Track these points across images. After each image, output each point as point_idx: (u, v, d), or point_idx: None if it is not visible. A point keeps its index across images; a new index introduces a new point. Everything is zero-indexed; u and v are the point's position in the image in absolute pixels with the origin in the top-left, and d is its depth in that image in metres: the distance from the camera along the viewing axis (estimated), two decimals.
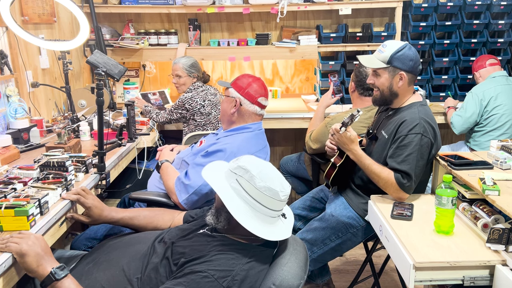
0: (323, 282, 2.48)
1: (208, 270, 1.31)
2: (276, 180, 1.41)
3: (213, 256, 1.36)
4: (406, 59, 2.00)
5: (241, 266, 1.35)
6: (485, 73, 3.21)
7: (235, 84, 2.16)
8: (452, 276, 1.58)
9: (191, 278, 1.30)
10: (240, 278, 1.33)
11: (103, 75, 1.94)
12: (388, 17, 3.86)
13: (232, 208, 1.38)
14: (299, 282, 1.41)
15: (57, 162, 1.83)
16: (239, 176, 1.40)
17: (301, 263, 1.46)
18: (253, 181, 1.38)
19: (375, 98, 2.13)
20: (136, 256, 1.48)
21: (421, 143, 1.95)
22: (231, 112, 2.13)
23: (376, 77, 2.07)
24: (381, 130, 2.12)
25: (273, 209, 1.42)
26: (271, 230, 1.42)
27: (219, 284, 1.30)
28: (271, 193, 1.38)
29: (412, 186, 1.98)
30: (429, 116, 2.03)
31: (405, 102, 2.09)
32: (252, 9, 3.55)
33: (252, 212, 1.39)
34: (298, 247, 1.52)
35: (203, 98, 3.09)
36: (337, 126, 2.02)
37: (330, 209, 2.19)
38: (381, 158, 2.06)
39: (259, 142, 2.15)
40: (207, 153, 2.04)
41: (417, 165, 1.95)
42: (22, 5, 2.71)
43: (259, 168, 1.41)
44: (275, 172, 1.45)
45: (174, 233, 1.54)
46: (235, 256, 1.37)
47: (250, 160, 1.44)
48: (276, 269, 1.42)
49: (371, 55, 2.10)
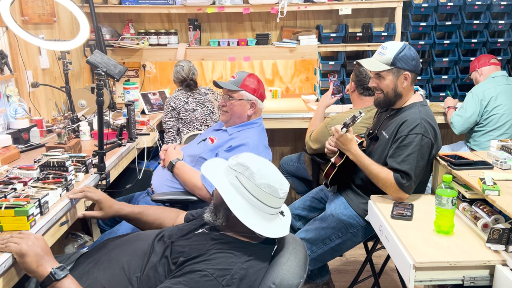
0: (323, 281, 2.48)
1: (207, 269, 1.31)
2: (275, 177, 1.42)
3: (212, 255, 1.35)
4: (409, 59, 2.01)
5: (240, 265, 1.35)
6: (488, 71, 3.21)
7: (246, 87, 2.29)
8: (452, 276, 1.58)
9: (190, 277, 1.30)
10: (239, 276, 1.33)
11: (103, 75, 1.94)
12: (388, 17, 3.86)
13: (231, 204, 1.38)
14: (299, 281, 1.41)
15: (57, 162, 1.83)
16: (239, 173, 1.41)
17: (301, 262, 1.47)
18: (253, 178, 1.38)
19: (378, 100, 2.11)
20: (136, 254, 1.48)
21: (422, 143, 1.95)
22: (248, 114, 2.31)
23: (379, 80, 2.06)
24: (382, 131, 2.12)
25: (272, 207, 1.42)
26: (270, 227, 1.42)
27: (218, 283, 1.30)
28: (270, 190, 1.39)
29: (412, 186, 1.98)
30: (429, 116, 2.03)
31: (406, 102, 2.09)
32: (252, 9, 3.55)
33: (251, 209, 1.40)
34: (297, 246, 1.52)
35: (186, 96, 3.13)
36: (339, 127, 2.02)
37: (330, 209, 2.19)
38: (381, 159, 2.06)
39: (265, 134, 2.39)
40: (231, 148, 2.16)
41: (417, 165, 1.95)
42: (22, 5, 2.71)
43: (259, 165, 1.41)
44: (274, 169, 1.46)
45: (174, 232, 1.54)
46: (234, 254, 1.37)
47: (250, 157, 1.44)
48: (276, 268, 1.42)
49: (372, 58, 2.10)
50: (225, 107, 2.33)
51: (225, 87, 2.31)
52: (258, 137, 2.27)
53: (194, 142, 2.47)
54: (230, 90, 2.29)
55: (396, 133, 2.01)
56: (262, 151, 2.24)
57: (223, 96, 2.35)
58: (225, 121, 2.37)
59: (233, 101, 2.29)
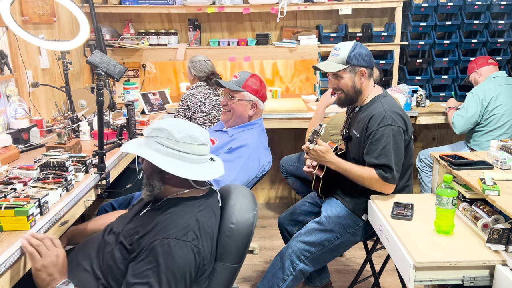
0: (322, 284, 2.48)
1: (168, 236, 1.32)
2: (192, 128, 1.48)
3: (165, 222, 1.38)
4: (362, 55, 2.08)
5: (194, 218, 1.40)
6: (487, 71, 3.21)
7: (249, 87, 2.29)
8: (452, 276, 1.58)
9: (156, 253, 1.29)
10: (198, 228, 1.38)
11: (103, 75, 1.94)
12: (388, 17, 3.86)
13: (160, 163, 1.41)
14: (253, 213, 1.56)
15: (57, 162, 1.83)
16: (157, 137, 1.45)
17: (249, 199, 1.59)
18: (172, 135, 1.43)
19: (340, 100, 2.17)
20: (92, 254, 1.49)
21: (393, 133, 1.99)
22: (249, 114, 2.32)
23: (338, 80, 2.12)
24: (353, 130, 2.16)
25: (199, 154, 1.47)
26: (202, 172, 1.47)
27: (185, 242, 1.32)
28: (192, 140, 1.44)
29: (396, 177, 2.01)
30: (393, 105, 2.08)
31: (368, 98, 2.14)
32: (252, 9, 3.55)
33: (180, 162, 1.44)
34: (242, 189, 1.64)
35: (204, 97, 3.09)
36: (307, 144, 2.05)
37: (326, 211, 2.19)
38: (358, 157, 2.11)
39: (266, 135, 2.40)
40: (231, 149, 2.15)
41: (395, 154, 1.99)
42: (22, 5, 2.71)
43: (172, 123, 1.47)
44: (187, 122, 1.52)
45: (119, 222, 1.56)
46: (185, 211, 1.41)
47: (162, 121, 1.49)
48: (229, 211, 1.54)
49: (327, 60, 2.15)
50: (226, 106, 2.33)
51: (227, 87, 2.31)
52: (258, 138, 2.27)
53: None
54: (232, 90, 2.30)
55: (366, 130, 2.05)
56: (262, 152, 2.24)
57: (224, 96, 2.36)
58: (225, 121, 2.37)
59: (234, 101, 2.29)
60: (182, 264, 1.30)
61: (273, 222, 3.60)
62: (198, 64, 3.18)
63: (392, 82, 3.68)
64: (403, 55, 3.80)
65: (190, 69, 3.21)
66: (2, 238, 1.43)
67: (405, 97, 3.39)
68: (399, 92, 3.44)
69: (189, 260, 1.32)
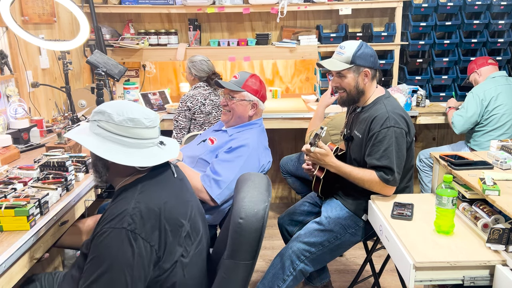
0: (322, 284, 2.48)
1: (103, 227, 1.27)
2: (135, 110, 1.38)
3: (105, 214, 1.33)
4: (367, 55, 2.06)
5: (132, 202, 1.31)
6: (487, 71, 3.21)
7: (249, 87, 2.29)
8: (452, 276, 1.58)
9: (95, 248, 1.26)
10: (139, 211, 1.29)
11: (103, 75, 1.95)
12: (388, 17, 3.86)
13: (94, 148, 1.35)
14: (264, 205, 1.44)
15: (57, 162, 1.83)
16: (99, 120, 1.37)
17: (262, 189, 1.50)
18: (111, 119, 1.35)
19: (342, 99, 2.16)
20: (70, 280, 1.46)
21: (395, 135, 1.98)
22: (249, 115, 2.31)
23: (341, 79, 2.11)
24: (354, 130, 2.15)
25: (143, 138, 1.38)
26: (145, 156, 1.38)
27: (120, 229, 1.25)
28: (133, 123, 1.35)
29: (397, 179, 2.00)
30: (396, 107, 2.07)
31: (370, 98, 2.12)
32: (252, 9, 3.55)
33: (121, 148, 1.36)
34: (256, 178, 1.56)
35: (204, 97, 3.09)
36: (308, 146, 2.04)
37: (326, 212, 2.19)
38: (359, 158, 2.10)
39: (265, 135, 2.39)
40: (231, 149, 2.14)
41: (397, 156, 1.98)
42: (22, 5, 2.71)
43: (114, 106, 1.38)
44: (133, 105, 1.42)
45: None
46: (125, 197, 1.33)
47: (106, 103, 1.42)
48: (237, 204, 1.45)
49: (332, 58, 2.14)
50: (226, 106, 2.33)
51: (227, 87, 2.31)
52: (258, 138, 2.27)
53: (194, 143, 2.47)
54: (232, 90, 2.30)
55: (368, 131, 2.04)
56: (262, 152, 2.24)
57: (224, 96, 2.36)
58: (225, 121, 2.37)
59: (234, 101, 2.29)
60: (119, 253, 1.23)
61: (273, 222, 3.60)
62: (199, 64, 3.18)
63: (392, 82, 3.68)
64: (403, 55, 3.80)
65: (190, 69, 3.19)
66: (2, 238, 1.43)
67: (405, 97, 3.39)
68: (399, 92, 3.44)
69: (123, 248, 1.24)
